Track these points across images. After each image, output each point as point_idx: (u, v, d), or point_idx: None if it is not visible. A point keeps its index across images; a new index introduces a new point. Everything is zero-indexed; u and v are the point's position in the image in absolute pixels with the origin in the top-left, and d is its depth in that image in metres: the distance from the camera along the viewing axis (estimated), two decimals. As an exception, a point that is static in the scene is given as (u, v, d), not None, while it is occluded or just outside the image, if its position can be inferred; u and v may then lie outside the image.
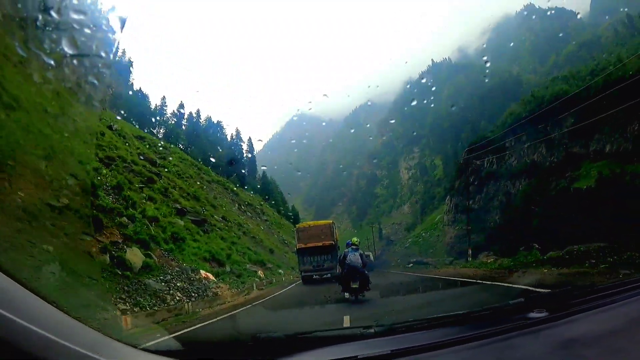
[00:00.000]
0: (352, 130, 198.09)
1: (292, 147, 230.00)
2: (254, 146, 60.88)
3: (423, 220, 71.99)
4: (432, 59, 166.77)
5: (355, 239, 9.61)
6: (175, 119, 50.18)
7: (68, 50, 2.35)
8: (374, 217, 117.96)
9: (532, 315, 1.51)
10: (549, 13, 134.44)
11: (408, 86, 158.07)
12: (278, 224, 46.31)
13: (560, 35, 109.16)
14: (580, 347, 1.26)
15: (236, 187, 42.81)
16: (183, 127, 47.77)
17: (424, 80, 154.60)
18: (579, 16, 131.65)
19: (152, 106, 48.45)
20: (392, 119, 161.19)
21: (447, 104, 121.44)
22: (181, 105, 52.70)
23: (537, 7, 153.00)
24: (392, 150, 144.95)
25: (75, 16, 2.16)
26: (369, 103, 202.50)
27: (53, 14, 2.34)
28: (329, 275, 19.72)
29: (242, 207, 39.56)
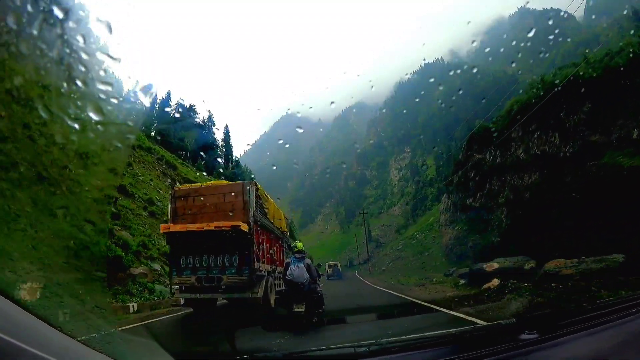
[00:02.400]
0: (343, 126, 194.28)
1: (280, 148, 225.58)
2: (230, 134, 55.83)
3: (416, 222, 67.67)
4: (424, 59, 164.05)
5: (299, 243, 7.49)
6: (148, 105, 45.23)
7: (94, 116, 2.36)
8: (362, 219, 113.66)
9: (524, 336, 1.52)
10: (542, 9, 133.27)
11: (405, 78, 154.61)
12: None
13: (557, 31, 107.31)
14: None
15: (200, 173, 37.58)
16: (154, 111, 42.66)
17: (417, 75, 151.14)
18: (577, 18, 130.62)
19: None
20: (380, 120, 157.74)
21: (439, 104, 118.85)
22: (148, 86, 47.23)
23: (531, 9, 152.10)
24: (382, 151, 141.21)
25: (101, 87, 2.26)
26: (359, 104, 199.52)
27: (78, 83, 2.32)
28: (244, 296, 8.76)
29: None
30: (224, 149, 51.61)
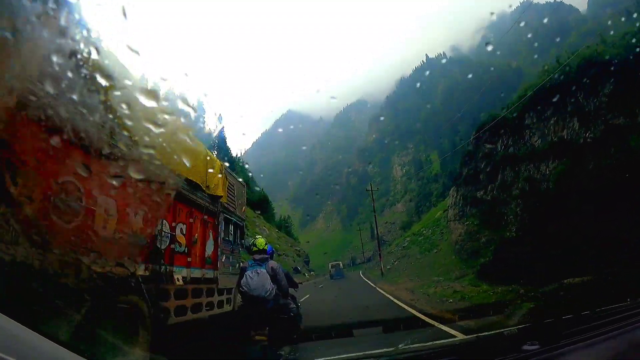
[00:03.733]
0: (344, 123, 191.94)
1: (281, 145, 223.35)
2: (222, 122, 53.55)
3: (420, 218, 65.11)
4: (426, 54, 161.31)
5: (259, 240, 5.11)
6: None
7: None
8: (365, 216, 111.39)
9: (526, 347, 1.53)
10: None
11: (407, 74, 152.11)
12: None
13: (561, 24, 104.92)
14: None
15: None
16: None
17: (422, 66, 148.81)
18: (580, 11, 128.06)
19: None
20: (382, 116, 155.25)
21: (442, 99, 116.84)
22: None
23: (535, 2, 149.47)
24: (384, 147, 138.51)
25: None
26: (360, 101, 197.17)
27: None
28: None
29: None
30: (216, 141, 49.40)
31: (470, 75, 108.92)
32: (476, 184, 34.87)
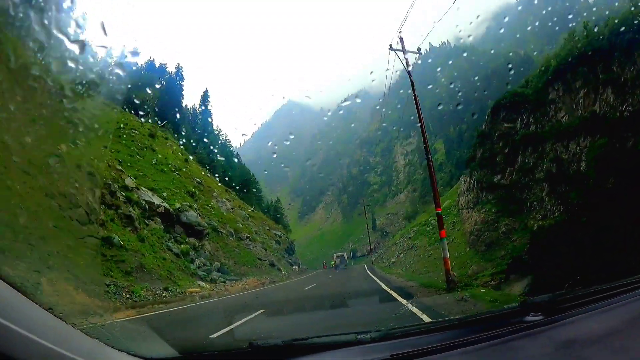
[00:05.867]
0: (345, 113, 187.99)
1: (281, 136, 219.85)
2: (209, 97, 50.27)
3: (426, 210, 61.49)
4: (429, 42, 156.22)
5: None
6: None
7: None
8: (367, 207, 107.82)
9: (529, 318, 1.51)
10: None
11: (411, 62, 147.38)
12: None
13: (569, 16, 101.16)
14: (579, 347, 1.25)
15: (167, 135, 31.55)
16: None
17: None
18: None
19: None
20: (384, 106, 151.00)
21: (447, 87, 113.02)
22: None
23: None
24: (386, 136, 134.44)
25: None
26: (362, 91, 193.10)
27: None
28: None
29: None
30: (201, 115, 45.77)
31: (471, 70, 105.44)
32: (493, 168, 31.12)
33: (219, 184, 36.62)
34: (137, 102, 25.88)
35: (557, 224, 18.08)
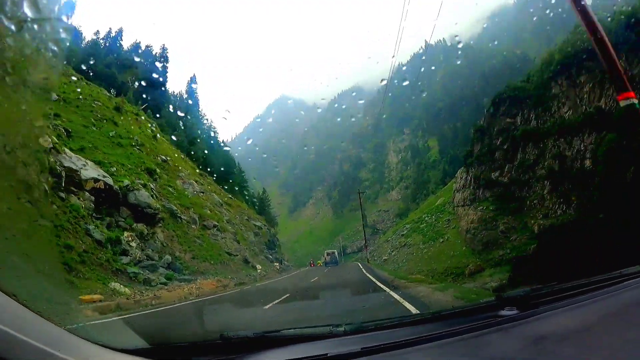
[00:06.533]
0: (338, 108, 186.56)
1: (273, 130, 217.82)
2: (196, 80, 48.72)
3: (419, 206, 60.37)
4: (425, 40, 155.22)
5: None
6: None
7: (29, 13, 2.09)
8: (357, 204, 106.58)
9: (503, 312, 1.51)
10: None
11: (405, 60, 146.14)
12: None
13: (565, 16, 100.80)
14: (550, 343, 1.25)
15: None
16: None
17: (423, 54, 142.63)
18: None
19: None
20: (378, 102, 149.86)
21: (442, 84, 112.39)
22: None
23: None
24: (379, 132, 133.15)
25: None
26: (355, 87, 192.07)
27: None
28: None
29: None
30: (188, 100, 44.11)
31: (468, 68, 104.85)
32: (491, 164, 29.91)
33: (194, 167, 33.11)
34: (118, 81, 23.91)
35: (570, 221, 16.82)
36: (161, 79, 37.03)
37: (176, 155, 31.50)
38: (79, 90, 25.53)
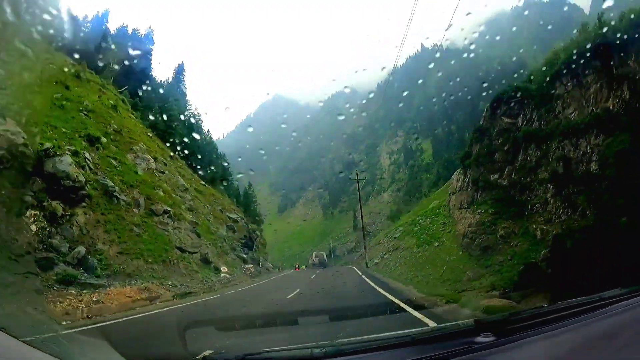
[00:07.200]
0: (332, 110, 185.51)
1: (265, 129, 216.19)
2: (184, 68, 48.50)
3: (412, 209, 59.17)
4: (421, 43, 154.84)
5: None
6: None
7: None
8: (348, 205, 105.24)
9: (479, 339, 1.50)
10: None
11: (400, 63, 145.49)
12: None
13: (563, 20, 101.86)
14: None
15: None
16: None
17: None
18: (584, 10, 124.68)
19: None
20: (372, 104, 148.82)
21: (437, 88, 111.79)
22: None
23: (537, 0, 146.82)
24: (372, 134, 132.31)
25: None
26: (349, 88, 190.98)
27: None
28: None
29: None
30: (176, 87, 42.49)
31: (463, 73, 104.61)
32: (490, 165, 28.58)
33: (163, 148, 28.94)
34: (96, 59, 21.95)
35: (589, 226, 15.43)
36: (144, 61, 35.48)
37: (139, 129, 26.45)
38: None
